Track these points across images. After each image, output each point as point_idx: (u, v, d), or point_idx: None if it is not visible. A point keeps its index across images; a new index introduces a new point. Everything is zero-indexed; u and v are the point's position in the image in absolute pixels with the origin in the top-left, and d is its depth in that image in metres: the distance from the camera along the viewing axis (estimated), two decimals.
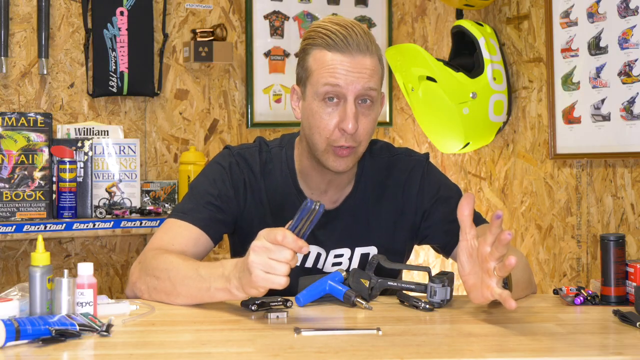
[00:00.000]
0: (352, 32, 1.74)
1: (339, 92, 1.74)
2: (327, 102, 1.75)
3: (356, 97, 1.74)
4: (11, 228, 2.77)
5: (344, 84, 1.72)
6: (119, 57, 3.19)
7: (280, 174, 1.88)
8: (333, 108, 1.75)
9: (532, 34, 3.15)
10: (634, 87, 2.64)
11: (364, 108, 1.76)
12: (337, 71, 1.73)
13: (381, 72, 1.80)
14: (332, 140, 1.76)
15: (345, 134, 1.74)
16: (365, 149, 1.85)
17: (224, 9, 3.43)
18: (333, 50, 1.74)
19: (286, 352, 1.28)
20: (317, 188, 1.87)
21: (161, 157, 3.32)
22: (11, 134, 2.87)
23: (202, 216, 1.80)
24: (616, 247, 1.67)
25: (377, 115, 1.81)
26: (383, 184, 1.91)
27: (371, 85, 1.74)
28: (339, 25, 1.75)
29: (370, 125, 1.78)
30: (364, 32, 1.76)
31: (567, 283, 2.99)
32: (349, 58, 1.73)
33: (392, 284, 1.68)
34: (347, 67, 1.73)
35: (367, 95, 1.75)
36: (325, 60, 1.74)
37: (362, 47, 1.74)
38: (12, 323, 1.29)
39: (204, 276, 1.59)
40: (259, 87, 3.47)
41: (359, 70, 1.73)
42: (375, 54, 1.76)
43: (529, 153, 3.17)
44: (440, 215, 1.89)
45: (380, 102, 1.82)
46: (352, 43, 1.73)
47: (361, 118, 1.75)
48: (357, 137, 1.76)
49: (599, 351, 1.35)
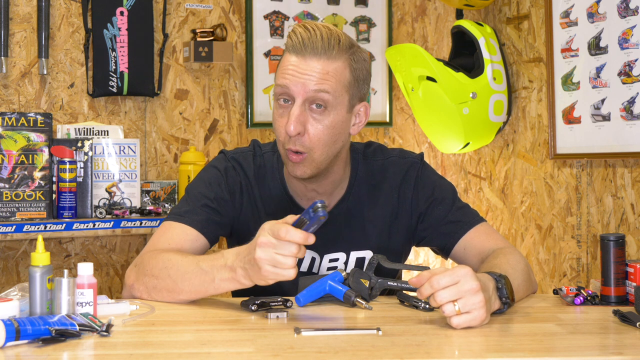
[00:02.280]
0: (314, 35, 1.71)
1: (289, 94, 1.72)
2: (281, 103, 1.74)
3: (305, 100, 1.71)
4: (11, 228, 2.77)
5: (291, 85, 1.71)
6: (119, 57, 3.19)
7: (272, 179, 1.87)
8: (284, 110, 1.74)
9: (532, 34, 3.15)
10: (634, 87, 2.64)
11: (316, 113, 1.72)
12: (288, 72, 1.72)
13: (348, 78, 1.73)
14: (284, 142, 1.74)
15: (292, 138, 1.72)
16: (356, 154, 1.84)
17: (224, 9, 3.43)
18: (291, 52, 1.73)
19: (286, 352, 1.28)
20: (304, 195, 1.86)
21: (161, 157, 3.32)
22: (11, 134, 2.87)
23: (199, 218, 1.79)
24: (616, 247, 1.67)
25: (336, 122, 1.74)
26: (378, 187, 1.90)
27: (321, 88, 1.70)
28: (304, 28, 1.72)
29: (324, 132, 1.72)
30: (330, 35, 1.71)
31: (567, 283, 2.99)
32: (300, 60, 1.71)
33: (392, 284, 1.68)
34: (296, 69, 1.71)
35: (318, 99, 1.71)
36: (284, 62, 1.75)
37: (319, 50, 1.70)
38: (12, 323, 1.29)
39: (205, 269, 1.59)
40: (259, 87, 3.47)
41: (308, 73, 1.70)
42: (337, 58, 1.71)
43: (529, 153, 3.17)
44: (436, 217, 1.88)
45: (346, 109, 1.76)
46: (307, 45, 1.70)
47: (311, 122, 1.72)
48: (305, 142, 1.72)
49: (599, 351, 1.35)
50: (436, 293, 1.44)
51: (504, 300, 1.54)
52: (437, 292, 1.44)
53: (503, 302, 1.54)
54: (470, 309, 1.43)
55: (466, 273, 1.45)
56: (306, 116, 1.72)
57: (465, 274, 1.45)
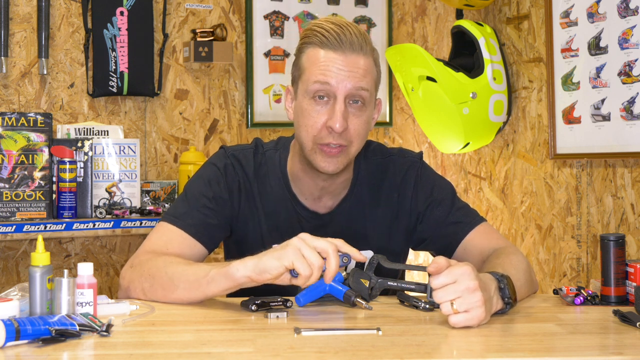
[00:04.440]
0: (347, 31, 1.71)
1: (329, 91, 1.71)
2: (317, 100, 1.73)
3: (346, 97, 1.71)
4: (11, 228, 2.77)
5: (334, 82, 1.70)
6: (119, 57, 3.19)
7: (273, 177, 1.86)
8: (322, 106, 1.73)
9: (532, 34, 3.15)
10: (634, 87, 2.64)
11: (355, 108, 1.73)
12: (329, 69, 1.70)
13: (376, 75, 1.76)
14: (319, 138, 1.73)
15: (333, 133, 1.71)
16: (359, 153, 1.85)
17: (224, 9, 3.43)
18: (326, 48, 1.71)
19: (286, 352, 1.28)
20: (311, 194, 1.85)
21: (161, 157, 3.32)
22: (11, 134, 2.87)
23: (194, 222, 1.77)
24: (616, 247, 1.67)
25: (369, 118, 1.77)
26: (378, 186, 1.89)
27: (363, 85, 1.71)
28: (334, 24, 1.73)
29: (362, 127, 1.74)
30: (359, 32, 1.73)
31: (567, 283, 2.99)
32: (342, 56, 1.71)
33: (392, 284, 1.68)
34: (338, 65, 1.70)
35: (358, 96, 1.72)
36: (318, 58, 1.72)
37: (356, 46, 1.71)
38: (12, 323, 1.28)
39: (203, 267, 1.59)
40: (259, 87, 3.47)
41: (351, 69, 1.70)
42: (369, 55, 1.74)
43: (529, 153, 3.17)
44: (435, 219, 1.88)
45: (374, 105, 1.79)
46: (345, 41, 1.70)
47: (351, 118, 1.73)
48: (347, 136, 1.73)
49: (599, 351, 1.35)
50: (434, 292, 1.44)
51: (506, 301, 1.53)
52: (435, 291, 1.44)
53: (505, 302, 1.53)
54: (467, 308, 1.43)
55: (464, 272, 1.44)
56: (347, 112, 1.72)
57: (463, 272, 1.44)
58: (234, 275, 1.52)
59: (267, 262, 1.48)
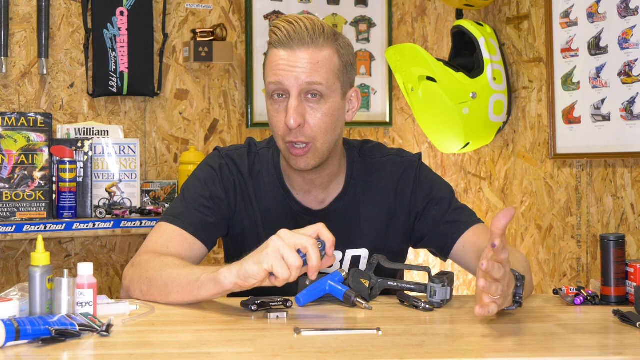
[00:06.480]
0: (297, 26, 1.72)
1: (283, 89, 1.73)
2: (276, 99, 1.75)
3: (300, 92, 1.73)
4: (11, 228, 2.77)
5: (285, 80, 1.72)
6: (119, 57, 3.19)
7: (267, 175, 1.88)
8: (280, 105, 1.75)
9: (532, 34, 3.15)
10: (634, 87, 2.64)
11: (313, 102, 1.74)
12: (280, 68, 1.72)
13: (337, 65, 1.75)
14: (285, 136, 1.75)
15: (292, 130, 1.73)
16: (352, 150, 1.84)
17: (224, 9, 3.43)
18: (278, 47, 1.74)
19: (286, 352, 1.28)
20: (301, 188, 1.87)
21: (161, 157, 3.32)
22: (11, 134, 2.86)
23: (193, 221, 1.79)
24: (616, 247, 1.67)
25: (333, 110, 1.76)
26: (374, 185, 1.90)
27: (314, 79, 1.71)
28: (286, 21, 1.74)
29: (323, 120, 1.74)
30: (313, 24, 1.73)
31: (567, 283, 2.99)
32: (289, 53, 1.72)
33: (392, 284, 1.68)
34: (287, 63, 1.72)
35: (312, 90, 1.73)
36: (271, 59, 1.75)
37: (306, 40, 1.71)
38: (12, 323, 1.29)
39: (196, 271, 1.59)
40: (259, 87, 3.47)
41: (301, 65, 1.71)
42: (325, 46, 1.73)
43: (529, 153, 3.17)
44: (433, 217, 1.88)
45: (340, 96, 1.77)
46: (294, 37, 1.71)
47: (309, 112, 1.73)
48: (306, 133, 1.74)
49: (599, 351, 1.35)
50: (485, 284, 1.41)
51: (517, 300, 1.52)
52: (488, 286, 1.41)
53: (516, 301, 1.53)
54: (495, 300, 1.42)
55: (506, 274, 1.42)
56: (304, 107, 1.73)
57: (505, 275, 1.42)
58: (222, 282, 1.52)
59: (249, 268, 1.48)
